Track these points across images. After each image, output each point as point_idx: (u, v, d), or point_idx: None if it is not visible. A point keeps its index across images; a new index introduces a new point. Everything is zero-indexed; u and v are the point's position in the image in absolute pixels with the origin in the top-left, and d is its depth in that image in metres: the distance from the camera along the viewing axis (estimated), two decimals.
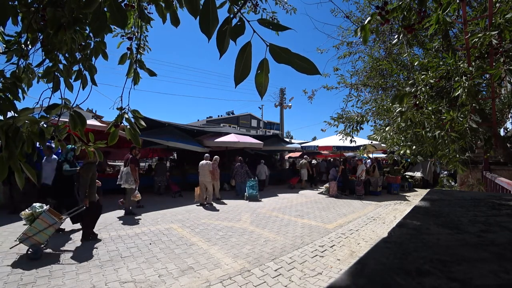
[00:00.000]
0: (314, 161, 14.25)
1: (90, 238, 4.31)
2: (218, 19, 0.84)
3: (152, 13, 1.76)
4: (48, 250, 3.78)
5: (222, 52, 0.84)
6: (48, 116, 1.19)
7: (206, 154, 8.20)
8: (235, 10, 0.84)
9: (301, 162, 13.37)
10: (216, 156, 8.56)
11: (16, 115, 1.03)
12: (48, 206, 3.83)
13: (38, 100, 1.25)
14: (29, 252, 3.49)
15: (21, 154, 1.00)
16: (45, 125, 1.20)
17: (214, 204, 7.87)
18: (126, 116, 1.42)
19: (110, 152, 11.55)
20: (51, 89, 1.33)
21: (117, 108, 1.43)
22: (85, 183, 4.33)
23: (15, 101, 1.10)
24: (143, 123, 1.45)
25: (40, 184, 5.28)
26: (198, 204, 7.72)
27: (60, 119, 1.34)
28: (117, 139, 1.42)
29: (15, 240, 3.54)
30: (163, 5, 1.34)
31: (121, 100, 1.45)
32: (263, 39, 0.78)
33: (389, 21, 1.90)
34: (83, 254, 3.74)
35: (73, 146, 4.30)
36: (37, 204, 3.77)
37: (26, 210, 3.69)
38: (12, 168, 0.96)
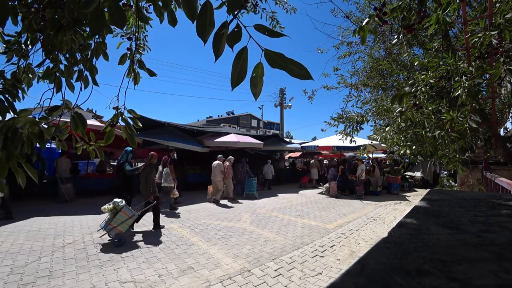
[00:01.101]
0: (325, 161, 14.30)
1: (162, 227, 5.14)
2: (214, 24, 0.86)
3: (151, 13, 1.76)
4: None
5: (217, 56, 0.86)
6: (48, 116, 1.19)
7: (220, 155, 8.47)
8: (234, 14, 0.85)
9: (311, 161, 13.45)
10: (230, 157, 8.78)
11: (15, 116, 1.03)
12: None
13: (39, 101, 1.25)
14: (115, 241, 4.08)
15: (21, 155, 1.00)
16: (45, 126, 1.20)
17: (222, 202, 8.09)
18: (123, 116, 1.42)
19: (113, 152, 11.55)
20: (52, 89, 1.33)
21: (113, 108, 1.43)
22: (148, 182, 4.97)
23: (15, 102, 1.10)
24: (139, 123, 1.45)
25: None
26: (212, 201, 7.98)
27: (61, 119, 1.34)
28: (113, 138, 1.41)
29: (98, 230, 4.32)
30: (161, 4, 1.34)
31: (117, 99, 1.45)
32: (259, 44, 0.80)
33: (387, 22, 1.90)
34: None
35: (131, 149, 5.25)
36: (117, 199, 4.34)
37: (107, 205, 4.26)
38: (11, 169, 0.96)
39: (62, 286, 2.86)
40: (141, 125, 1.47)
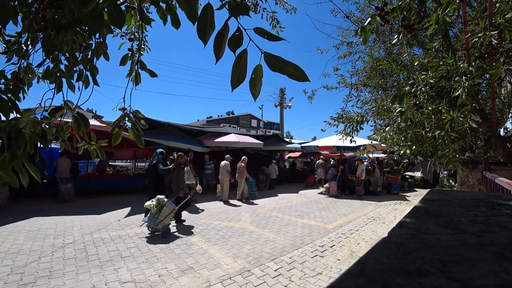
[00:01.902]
0: (332, 161, 14.37)
1: (183, 220, 5.64)
2: (214, 26, 0.87)
3: (151, 13, 1.76)
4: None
5: (218, 58, 0.87)
6: (49, 116, 1.19)
7: (227, 155, 8.67)
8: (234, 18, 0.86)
9: (317, 162, 13.49)
10: (244, 157, 9.05)
11: (18, 116, 1.03)
12: None
13: (40, 101, 1.25)
14: (162, 233, 4.55)
15: (24, 154, 1.00)
16: (47, 126, 1.20)
17: (231, 202, 8.25)
18: (129, 117, 1.42)
19: (113, 152, 11.58)
20: (53, 90, 1.33)
21: (120, 109, 1.43)
22: (179, 179, 5.54)
23: (16, 102, 1.11)
24: (144, 123, 1.46)
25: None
26: (220, 200, 8.34)
27: (63, 119, 1.34)
28: (121, 139, 1.42)
29: (141, 225, 5.05)
30: (164, 7, 1.34)
31: (124, 100, 1.45)
32: (259, 47, 0.82)
33: (389, 22, 1.90)
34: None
35: (162, 150, 5.88)
36: (160, 196, 4.82)
37: (150, 201, 4.75)
38: (15, 169, 0.97)
39: (62, 286, 2.86)
40: (147, 125, 1.48)
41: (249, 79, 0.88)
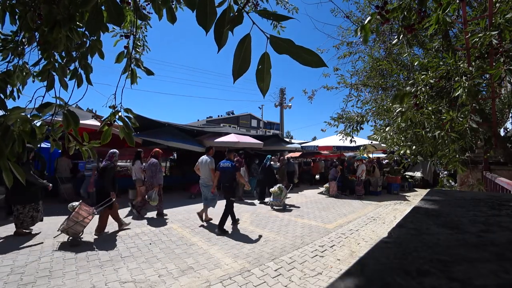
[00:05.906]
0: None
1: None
2: (216, 12, 0.80)
3: (151, 13, 1.75)
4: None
5: (220, 46, 0.80)
6: (40, 115, 1.15)
7: (281, 157, 10.36)
8: (240, 5, 0.82)
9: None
10: (273, 157, 10.41)
11: (5, 113, 1.00)
12: None
13: (31, 99, 1.22)
14: (283, 207, 7.11)
15: (11, 153, 0.97)
16: (37, 124, 1.16)
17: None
18: (120, 115, 1.39)
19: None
20: (45, 87, 1.31)
21: (110, 107, 1.40)
22: (284, 174, 9.50)
23: (8, 99, 1.08)
24: (134, 121, 1.42)
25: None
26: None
27: (55, 118, 1.31)
28: (110, 138, 1.39)
29: (267, 203, 7.61)
30: (159, 1, 1.33)
31: (115, 98, 1.42)
32: (262, 30, 0.74)
33: (389, 20, 1.90)
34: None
35: (270, 156, 8.86)
36: (280, 185, 7.26)
37: (273, 188, 7.13)
38: (1, 167, 0.94)
39: (62, 286, 2.86)
40: (138, 125, 1.45)
41: (255, 72, 0.78)
